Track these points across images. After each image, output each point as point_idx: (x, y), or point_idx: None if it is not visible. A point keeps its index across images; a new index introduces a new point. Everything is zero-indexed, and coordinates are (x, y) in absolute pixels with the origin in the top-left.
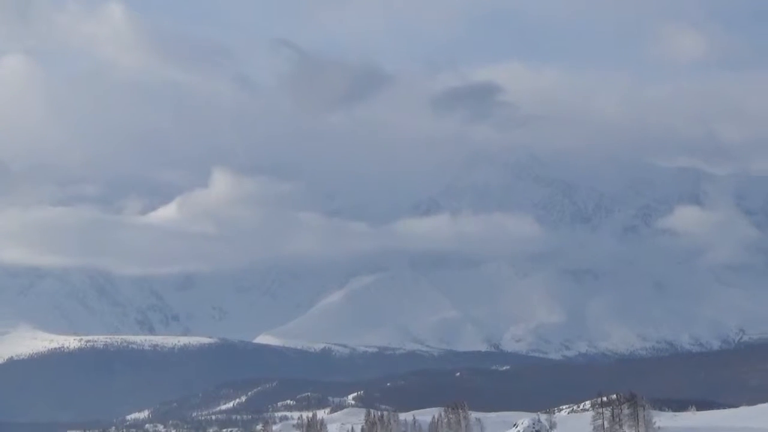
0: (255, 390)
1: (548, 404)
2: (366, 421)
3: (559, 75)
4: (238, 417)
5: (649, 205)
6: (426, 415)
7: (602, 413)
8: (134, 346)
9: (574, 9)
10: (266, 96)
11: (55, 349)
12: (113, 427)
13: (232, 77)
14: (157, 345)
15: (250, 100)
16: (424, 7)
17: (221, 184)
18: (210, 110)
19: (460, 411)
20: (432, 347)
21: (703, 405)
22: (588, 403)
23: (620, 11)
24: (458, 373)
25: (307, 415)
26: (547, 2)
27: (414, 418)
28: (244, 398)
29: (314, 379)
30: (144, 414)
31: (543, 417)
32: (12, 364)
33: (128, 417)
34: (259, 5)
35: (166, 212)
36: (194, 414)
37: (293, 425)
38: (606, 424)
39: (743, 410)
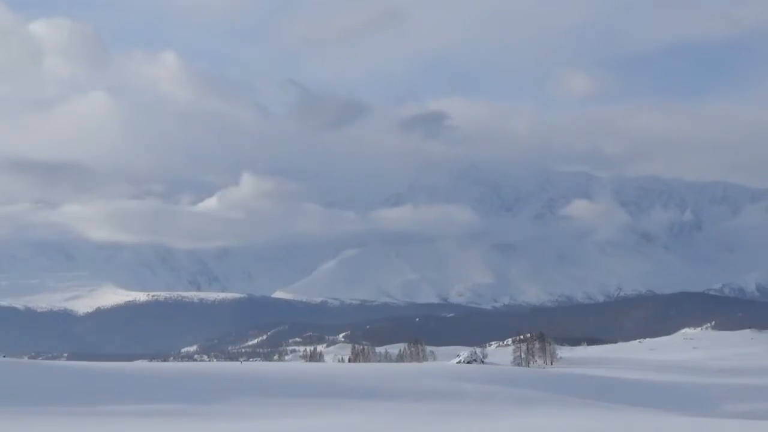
0: (272, 331)
1: (482, 341)
2: (352, 352)
3: (488, 106)
4: (261, 350)
5: (553, 199)
6: (395, 348)
7: (520, 347)
8: (186, 299)
9: (497, 58)
10: (279, 120)
11: (130, 301)
12: (171, 357)
13: (254, 106)
14: (203, 299)
15: (268, 123)
16: (393, 56)
17: (248, 183)
18: (239, 131)
19: (419, 345)
20: (399, 300)
21: (592, 341)
22: (510, 340)
23: (529, 59)
24: (417, 319)
25: (309, 348)
26: (479, 53)
27: (386, 350)
28: (265, 337)
29: (315, 322)
30: (193, 348)
31: (478, 350)
32: (99, 312)
33: (182, 350)
34: (272, 54)
35: (210, 203)
36: (229, 348)
37: (300, 356)
38: (523, 355)
39: (620, 345)
